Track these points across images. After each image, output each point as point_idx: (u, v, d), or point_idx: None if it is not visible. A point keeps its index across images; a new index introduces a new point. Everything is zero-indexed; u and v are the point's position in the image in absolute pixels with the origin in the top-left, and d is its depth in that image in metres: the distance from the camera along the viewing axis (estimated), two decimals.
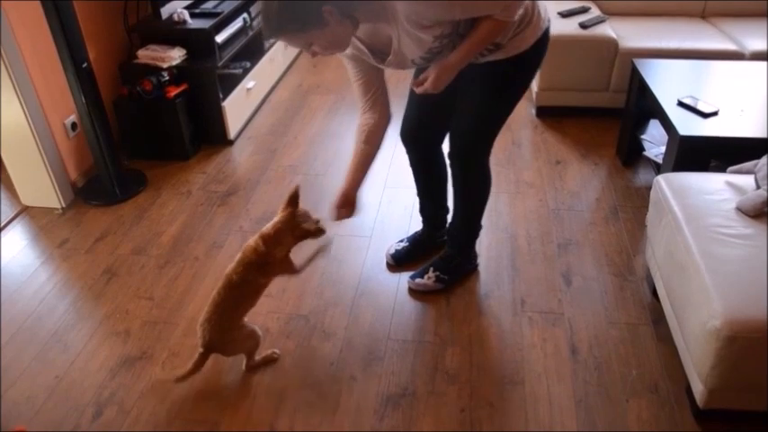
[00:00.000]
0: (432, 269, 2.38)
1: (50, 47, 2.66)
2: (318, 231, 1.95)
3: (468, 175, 2.20)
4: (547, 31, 1.92)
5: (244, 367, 2.05)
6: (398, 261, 2.51)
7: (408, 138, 2.33)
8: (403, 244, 2.56)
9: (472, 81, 1.99)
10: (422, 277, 2.38)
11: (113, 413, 1.93)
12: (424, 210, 2.54)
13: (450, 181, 2.28)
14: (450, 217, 2.42)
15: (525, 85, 2.03)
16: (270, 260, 1.91)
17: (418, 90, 1.86)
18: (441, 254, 2.43)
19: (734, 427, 1.84)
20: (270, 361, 2.09)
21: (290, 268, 1.99)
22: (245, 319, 2.00)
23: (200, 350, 1.91)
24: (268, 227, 1.93)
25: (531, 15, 1.83)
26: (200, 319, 1.93)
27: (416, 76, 1.98)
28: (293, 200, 1.94)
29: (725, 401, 1.75)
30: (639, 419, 1.87)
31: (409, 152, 2.37)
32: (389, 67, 1.89)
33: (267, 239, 1.90)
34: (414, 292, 2.39)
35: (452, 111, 2.10)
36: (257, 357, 2.06)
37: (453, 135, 2.13)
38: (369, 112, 2.09)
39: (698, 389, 1.76)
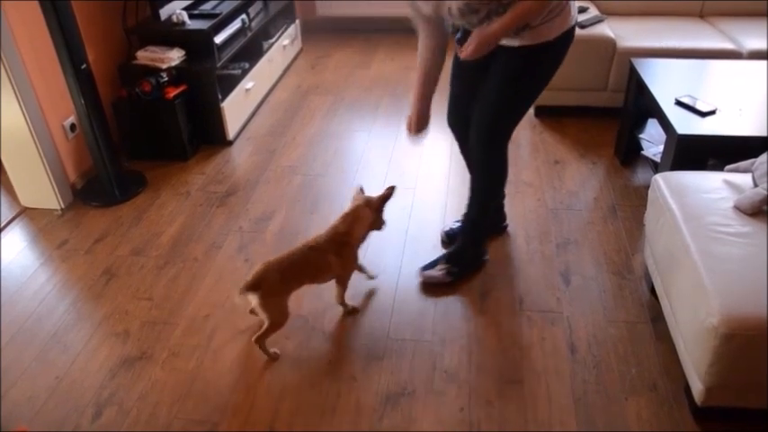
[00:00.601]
0: (443, 261, 2.42)
1: (49, 48, 2.67)
2: (383, 224, 2.25)
3: (487, 162, 2.27)
4: (573, 28, 1.99)
5: (253, 338, 2.08)
6: (452, 239, 2.57)
7: (451, 122, 2.42)
8: (458, 223, 2.61)
9: (499, 66, 2.06)
10: (432, 269, 2.41)
11: (113, 413, 1.93)
12: None
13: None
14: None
15: (545, 78, 2.09)
16: (346, 240, 2.15)
17: (462, 55, 1.94)
18: (452, 248, 2.47)
19: (732, 424, 1.84)
20: (271, 357, 2.11)
21: (354, 260, 2.26)
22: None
23: (248, 281, 1.98)
24: (346, 209, 2.20)
25: (564, 7, 1.92)
26: (268, 261, 2.04)
27: (460, 44, 2.03)
28: (361, 191, 2.24)
29: (723, 399, 1.75)
30: (638, 418, 1.87)
31: (455, 137, 2.45)
32: (425, 11, 1.99)
33: (352, 216, 2.18)
34: (423, 284, 2.41)
35: None
36: (268, 345, 2.10)
37: (474, 122, 2.20)
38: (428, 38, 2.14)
39: (696, 387, 1.76)
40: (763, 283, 1.66)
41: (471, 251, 2.45)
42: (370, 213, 2.19)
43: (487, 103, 2.13)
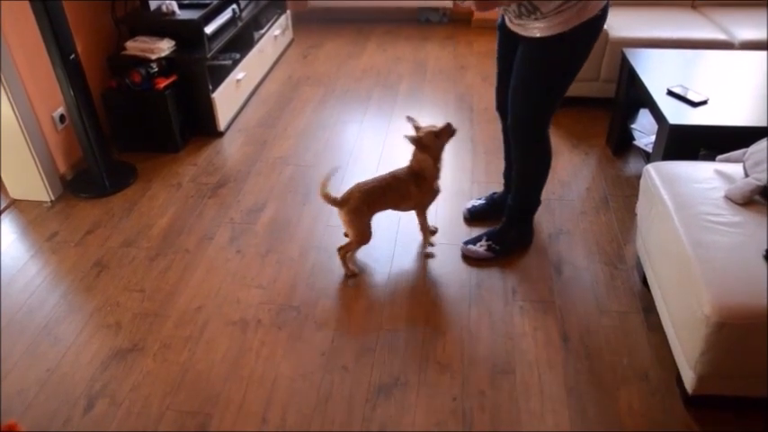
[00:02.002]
0: (485, 238, 2.47)
1: (37, 38, 2.63)
2: (448, 128, 2.32)
3: (523, 150, 2.32)
4: (596, 20, 1.98)
5: (338, 247, 2.40)
6: (474, 216, 2.67)
7: (497, 105, 2.46)
8: (480, 201, 2.69)
9: (521, 58, 2.10)
10: (474, 245, 2.47)
11: (105, 405, 1.92)
12: (507, 174, 2.63)
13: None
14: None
15: (568, 69, 2.10)
16: (426, 167, 2.33)
17: (462, 3, 2.02)
18: (495, 227, 2.52)
19: (723, 412, 1.85)
20: (348, 271, 2.40)
21: (433, 188, 2.40)
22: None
23: (336, 197, 2.28)
24: (414, 149, 2.35)
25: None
26: (359, 182, 2.31)
27: None
28: (416, 129, 2.34)
29: (714, 387, 1.76)
30: (630, 407, 1.88)
31: (500, 119, 2.50)
32: None
33: (423, 142, 2.31)
34: (466, 258, 2.48)
35: None
36: (348, 261, 2.41)
37: (510, 112, 2.24)
38: None
39: (687, 375, 1.77)
40: (754, 273, 1.67)
41: (514, 232, 2.50)
42: (433, 141, 2.32)
43: (514, 95, 2.18)
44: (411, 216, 2.68)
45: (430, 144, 2.31)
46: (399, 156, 2.40)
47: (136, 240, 2.64)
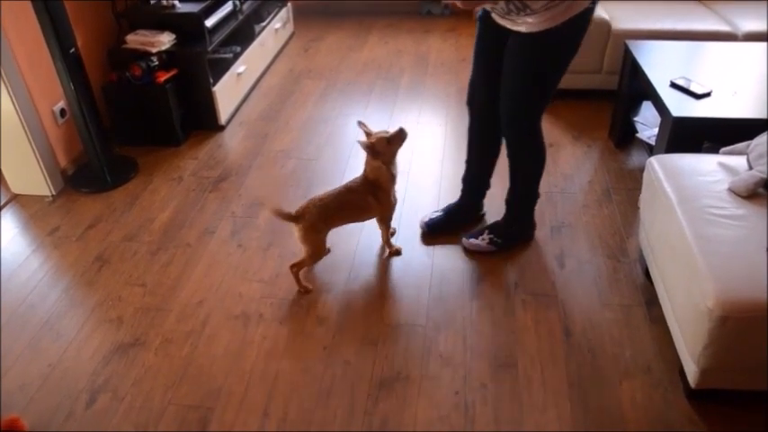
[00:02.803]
0: (487, 231, 2.46)
1: (37, 32, 2.62)
2: (400, 133, 2.25)
3: (517, 146, 2.29)
4: (585, 14, 1.96)
5: (290, 264, 2.28)
6: (432, 230, 2.58)
7: (469, 99, 2.42)
8: (438, 214, 2.61)
9: (511, 55, 2.07)
10: (476, 238, 2.46)
11: (107, 400, 1.92)
12: (467, 178, 2.59)
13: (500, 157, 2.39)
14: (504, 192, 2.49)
15: (558, 63, 2.08)
16: (380, 177, 2.26)
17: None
18: (498, 220, 2.50)
19: (726, 406, 1.85)
20: (302, 288, 2.30)
21: (390, 199, 2.34)
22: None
23: (293, 213, 2.20)
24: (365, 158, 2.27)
25: None
26: (313, 197, 2.25)
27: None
28: (367, 135, 2.26)
29: (717, 381, 1.76)
30: (633, 401, 1.87)
31: (469, 114, 2.45)
32: None
33: (375, 148, 2.22)
34: (467, 251, 2.47)
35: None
36: (301, 274, 2.30)
37: (501, 111, 2.21)
38: None
39: (690, 369, 1.77)
40: (758, 266, 1.66)
41: (516, 225, 2.49)
42: (386, 147, 2.24)
43: (506, 90, 2.16)
44: (413, 207, 2.68)
45: (382, 150, 2.23)
46: (401, 149, 2.39)
47: (137, 235, 2.64)
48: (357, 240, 2.56)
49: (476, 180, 2.58)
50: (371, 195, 2.29)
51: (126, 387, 1.97)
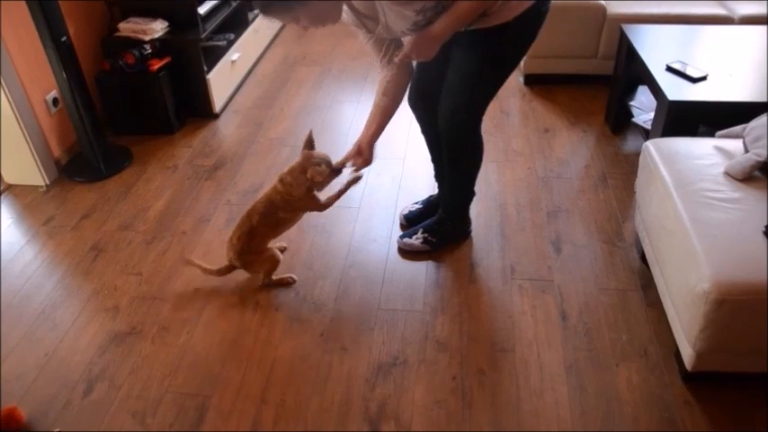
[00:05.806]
0: (421, 231, 2.41)
1: (28, 21, 2.59)
2: (333, 173, 2.16)
3: (457, 145, 2.19)
4: (537, 8, 1.87)
5: (259, 283, 2.26)
6: (411, 222, 2.53)
7: (411, 101, 2.33)
8: (417, 206, 2.58)
9: (460, 50, 1.98)
10: (410, 237, 2.41)
11: (104, 389, 1.92)
12: (438, 175, 2.53)
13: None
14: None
15: (513, 59, 2.01)
16: (288, 198, 2.12)
17: (397, 59, 1.90)
18: (433, 217, 2.44)
19: (722, 389, 1.85)
20: (285, 284, 2.28)
21: (314, 204, 2.21)
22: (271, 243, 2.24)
23: (226, 263, 2.20)
24: (285, 169, 2.14)
25: None
26: (229, 237, 2.20)
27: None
28: (308, 143, 2.15)
29: (713, 364, 1.76)
30: (629, 384, 1.88)
31: (416, 117, 2.38)
32: (383, 35, 1.89)
33: (283, 179, 2.12)
34: (402, 252, 2.42)
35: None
36: (274, 278, 2.26)
37: (442, 107, 2.11)
38: (386, 67, 2.09)
39: (686, 352, 1.77)
40: (754, 249, 1.66)
41: (450, 224, 2.42)
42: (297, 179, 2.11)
43: (452, 89, 2.05)
44: (409, 193, 2.67)
45: (293, 182, 2.11)
46: (395, 134, 2.38)
47: (132, 224, 2.63)
48: (353, 226, 2.55)
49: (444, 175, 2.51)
50: (282, 211, 2.16)
51: (123, 376, 1.96)
